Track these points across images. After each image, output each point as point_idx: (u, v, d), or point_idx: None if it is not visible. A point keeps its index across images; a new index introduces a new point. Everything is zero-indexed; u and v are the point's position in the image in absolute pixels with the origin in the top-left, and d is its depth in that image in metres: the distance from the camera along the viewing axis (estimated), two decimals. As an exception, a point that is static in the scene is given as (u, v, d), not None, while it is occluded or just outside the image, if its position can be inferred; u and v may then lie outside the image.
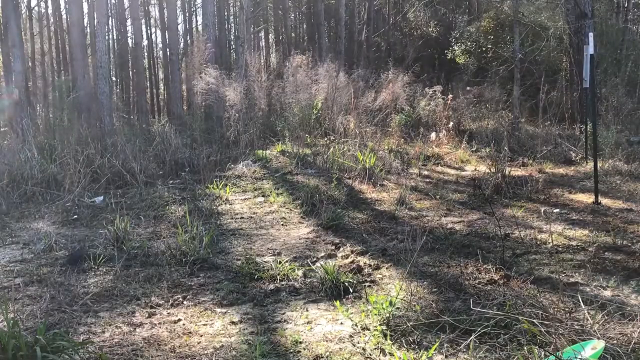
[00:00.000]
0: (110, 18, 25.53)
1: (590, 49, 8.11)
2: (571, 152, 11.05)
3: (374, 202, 7.70)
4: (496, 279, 4.49)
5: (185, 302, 4.27)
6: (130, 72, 25.30)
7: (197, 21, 32.23)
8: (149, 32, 29.89)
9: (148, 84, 26.35)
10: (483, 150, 11.93)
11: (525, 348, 3.18)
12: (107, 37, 15.07)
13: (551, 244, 5.49)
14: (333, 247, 5.62)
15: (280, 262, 4.99)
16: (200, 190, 8.42)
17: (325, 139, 11.09)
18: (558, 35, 17.00)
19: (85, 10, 22.84)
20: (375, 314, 3.73)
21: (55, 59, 26.81)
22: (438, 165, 10.84)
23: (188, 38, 28.41)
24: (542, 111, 14.44)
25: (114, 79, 25.72)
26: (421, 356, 3.22)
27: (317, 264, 5.01)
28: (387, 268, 4.92)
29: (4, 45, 14.87)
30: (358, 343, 3.49)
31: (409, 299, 4.05)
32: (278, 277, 4.68)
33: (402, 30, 24.95)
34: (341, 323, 3.79)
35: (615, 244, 5.44)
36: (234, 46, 26.41)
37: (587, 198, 7.66)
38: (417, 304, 3.89)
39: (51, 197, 7.86)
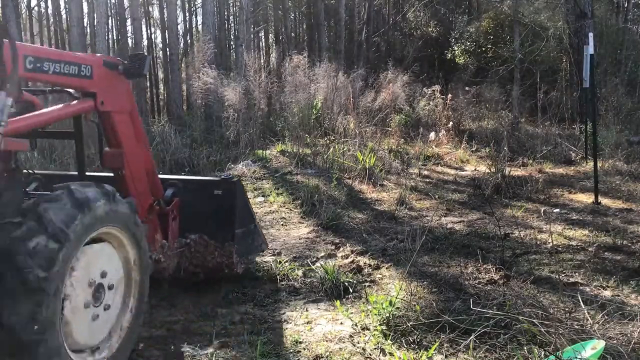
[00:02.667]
0: (110, 18, 25.51)
1: (590, 49, 8.11)
2: (571, 152, 11.05)
3: (374, 202, 7.70)
4: (496, 279, 4.49)
5: (185, 302, 4.26)
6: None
7: (197, 21, 32.20)
8: (149, 32, 29.87)
9: (148, 84, 26.33)
10: (483, 150, 11.93)
11: (525, 348, 3.18)
12: (107, 37, 15.08)
13: (551, 244, 5.49)
14: (333, 247, 5.62)
15: (280, 262, 4.99)
16: (200, 190, 8.41)
17: (325, 139, 11.08)
18: (558, 36, 17.00)
19: (85, 10, 22.84)
20: (375, 314, 3.73)
21: (55, 59, 26.76)
22: (438, 165, 10.84)
23: (188, 38, 28.41)
24: (542, 111, 14.44)
25: (113, 79, 25.63)
26: (421, 356, 3.22)
27: (317, 264, 5.01)
28: (387, 268, 4.92)
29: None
30: (358, 343, 3.49)
31: (408, 299, 4.05)
32: (278, 277, 4.68)
33: (401, 30, 24.94)
34: (341, 323, 3.79)
35: (615, 244, 5.44)
36: (233, 46, 26.42)
37: (587, 198, 7.66)
38: (417, 303, 3.89)
39: (51, 197, 7.85)
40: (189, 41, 27.67)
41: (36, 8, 30.00)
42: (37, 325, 2.47)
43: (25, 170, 3.39)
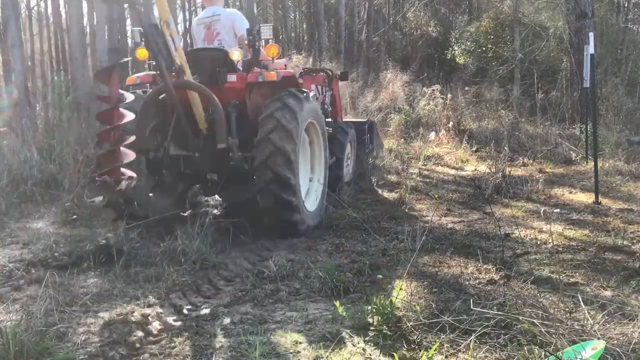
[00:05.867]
0: (109, 18, 25.43)
1: (590, 49, 8.11)
2: (571, 152, 11.04)
3: (374, 202, 7.69)
4: (496, 279, 4.49)
5: (184, 302, 4.25)
6: (130, 72, 25.25)
7: (197, 21, 32.21)
8: (148, 31, 29.80)
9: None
10: (483, 150, 11.91)
11: (525, 348, 3.18)
12: (106, 36, 15.01)
13: (551, 244, 5.48)
14: (333, 247, 5.62)
15: (280, 262, 4.99)
16: (200, 190, 8.39)
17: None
18: (558, 35, 17.00)
19: (85, 10, 22.79)
20: (375, 314, 3.72)
21: (54, 58, 26.75)
22: (438, 165, 10.83)
23: (188, 38, 28.38)
24: (542, 111, 14.43)
25: (113, 78, 25.59)
26: (421, 356, 3.21)
27: (317, 264, 5.00)
28: (387, 268, 4.92)
29: (4, 45, 14.84)
30: (358, 343, 3.49)
31: (408, 299, 4.04)
32: (278, 277, 4.67)
33: (402, 30, 24.93)
34: (341, 323, 3.79)
35: (615, 244, 5.43)
36: (233, 46, 26.36)
37: (587, 198, 7.66)
38: (417, 304, 3.88)
39: (51, 197, 7.84)
40: (189, 41, 27.66)
41: (36, 8, 29.99)
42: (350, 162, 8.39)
43: None
